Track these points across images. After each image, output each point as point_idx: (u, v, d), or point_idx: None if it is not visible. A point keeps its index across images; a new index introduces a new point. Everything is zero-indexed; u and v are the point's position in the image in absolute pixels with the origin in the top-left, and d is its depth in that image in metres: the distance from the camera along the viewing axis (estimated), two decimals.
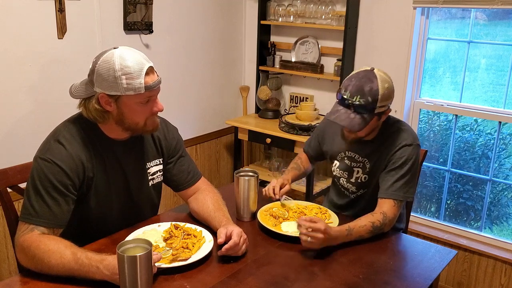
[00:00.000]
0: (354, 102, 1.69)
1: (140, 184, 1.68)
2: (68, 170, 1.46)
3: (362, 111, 1.70)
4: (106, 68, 1.42)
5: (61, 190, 1.45)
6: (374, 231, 1.68)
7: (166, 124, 1.79)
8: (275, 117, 3.34)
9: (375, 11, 2.93)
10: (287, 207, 1.87)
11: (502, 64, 2.80)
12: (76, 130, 1.52)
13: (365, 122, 1.71)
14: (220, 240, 1.49)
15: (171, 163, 1.77)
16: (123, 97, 1.45)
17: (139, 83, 1.43)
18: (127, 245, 1.29)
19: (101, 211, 1.61)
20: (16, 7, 2.19)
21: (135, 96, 1.45)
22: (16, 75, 2.25)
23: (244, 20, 3.54)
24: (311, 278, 1.45)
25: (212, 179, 3.56)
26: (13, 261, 2.30)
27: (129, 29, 2.69)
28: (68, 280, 1.36)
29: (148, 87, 1.45)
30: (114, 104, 1.47)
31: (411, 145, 1.80)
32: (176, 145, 1.78)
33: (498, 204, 2.93)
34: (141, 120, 1.52)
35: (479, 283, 2.82)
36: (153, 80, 1.47)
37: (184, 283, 1.39)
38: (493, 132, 2.86)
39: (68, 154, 1.47)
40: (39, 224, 1.42)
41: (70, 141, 1.49)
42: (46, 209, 1.43)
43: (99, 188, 1.57)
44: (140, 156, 1.66)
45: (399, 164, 1.78)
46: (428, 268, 1.56)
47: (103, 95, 1.45)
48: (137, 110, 1.49)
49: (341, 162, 1.97)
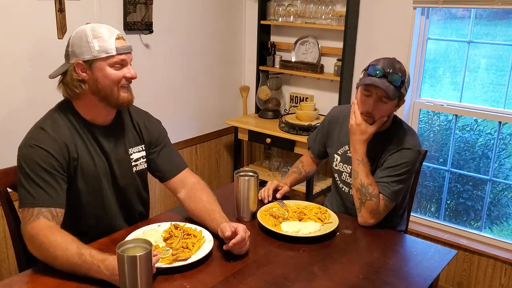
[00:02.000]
0: (390, 73, 1.75)
1: (123, 170, 1.70)
2: (53, 151, 1.50)
3: (394, 83, 1.75)
4: (79, 36, 1.54)
5: (50, 171, 1.49)
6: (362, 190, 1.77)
7: (148, 115, 1.83)
8: (275, 117, 3.34)
9: (375, 11, 2.93)
10: (287, 207, 1.87)
11: (502, 64, 2.80)
12: (57, 116, 1.59)
13: (395, 95, 1.76)
14: (227, 233, 1.49)
15: (154, 153, 1.79)
16: (96, 61, 1.52)
17: (110, 44, 1.52)
18: (127, 245, 1.29)
19: (92, 195, 1.63)
20: (16, 7, 2.19)
21: (107, 58, 1.52)
22: (16, 75, 2.25)
23: (244, 20, 3.54)
24: (311, 278, 1.45)
25: (212, 179, 3.56)
26: (13, 261, 2.30)
27: (129, 29, 2.69)
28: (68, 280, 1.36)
29: (118, 49, 1.53)
30: (89, 70, 1.53)
31: (410, 149, 1.82)
32: (158, 136, 1.81)
33: (498, 204, 2.93)
34: (114, 84, 1.56)
35: (479, 283, 2.82)
36: (123, 45, 1.56)
37: (184, 283, 1.39)
38: (493, 132, 2.86)
39: (50, 137, 1.52)
40: (38, 205, 1.45)
41: (52, 126, 1.55)
42: (41, 191, 1.46)
43: (86, 169, 1.59)
44: (121, 142, 1.69)
45: (395, 165, 1.81)
46: (428, 268, 1.56)
47: (78, 62, 1.53)
48: (110, 74, 1.54)
49: (344, 156, 1.97)
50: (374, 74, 1.76)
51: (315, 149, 2.14)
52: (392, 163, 1.81)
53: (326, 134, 2.07)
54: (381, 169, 1.84)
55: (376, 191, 1.78)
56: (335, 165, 2.02)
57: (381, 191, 1.79)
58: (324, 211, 1.84)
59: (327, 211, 1.85)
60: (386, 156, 1.84)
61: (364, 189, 1.77)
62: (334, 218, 1.79)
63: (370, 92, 1.79)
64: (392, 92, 1.74)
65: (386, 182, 1.80)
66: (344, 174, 1.98)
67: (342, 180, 2.00)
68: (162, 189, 1.84)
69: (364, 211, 1.78)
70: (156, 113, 1.88)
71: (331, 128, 2.05)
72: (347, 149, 1.94)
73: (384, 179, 1.81)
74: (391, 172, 1.81)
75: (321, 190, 3.09)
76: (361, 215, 1.80)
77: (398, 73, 1.76)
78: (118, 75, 1.56)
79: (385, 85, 1.74)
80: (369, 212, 1.77)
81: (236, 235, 1.49)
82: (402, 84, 1.77)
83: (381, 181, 1.81)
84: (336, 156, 2.00)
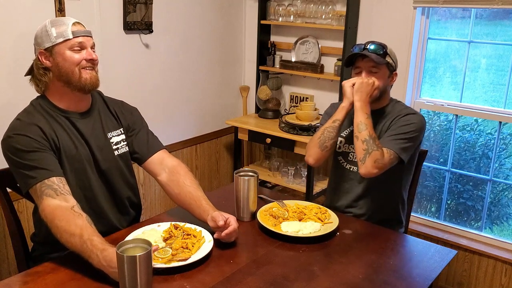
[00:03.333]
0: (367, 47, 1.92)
1: (104, 154, 1.72)
2: (31, 134, 1.55)
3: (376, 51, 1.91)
4: (39, 29, 1.62)
5: (35, 151, 1.53)
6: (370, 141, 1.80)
7: (123, 103, 1.88)
8: (275, 117, 3.34)
9: (375, 11, 2.93)
10: (287, 207, 1.87)
11: (502, 64, 2.79)
12: (33, 108, 1.64)
13: (379, 60, 1.89)
14: (221, 223, 1.55)
15: (131, 136, 1.82)
16: (56, 47, 1.59)
17: (65, 29, 1.58)
18: (127, 245, 1.29)
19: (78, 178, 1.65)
20: (16, 7, 2.19)
21: (65, 43, 1.58)
22: (16, 75, 2.25)
23: (244, 20, 3.54)
24: (311, 278, 1.45)
25: (212, 179, 3.56)
26: (13, 261, 2.30)
27: (129, 29, 2.69)
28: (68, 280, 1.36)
29: (75, 33, 1.59)
30: (50, 57, 1.60)
31: (415, 114, 1.95)
32: (135, 120, 1.85)
33: (498, 204, 2.93)
34: (74, 67, 1.60)
35: (479, 283, 2.82)
36: (80, 29, 1.62)
37: (184, 283, 1.39)
38: (494, 132, 2.86)
39: (26, 124, 1.58)
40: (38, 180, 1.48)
41: (27, 116, 1.61)
42: (35, 169, 1.50)
43: (68, 152, 1.62)
44: (99, 127, 1.73)
45: (402, 124, 1.90)
46: (428, 268, 1.56)
47: (40, 51, 1.60)
48: (70, 57, 1.59)
49: (349, 136, 2.03)
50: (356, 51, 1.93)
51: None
52: (399, 124, 1.91)
53: None
54: (387, 133, 1.91)
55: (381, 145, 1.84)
56: (338, 147, 2.06)
57: (387, 146, 1.85)
58: (324, 211, 1.84)
59: (327, 211, 1.85)
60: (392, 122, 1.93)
61: (371, 140, 1.81)
62: (334, 218, 1.79)
63: (359, 69, 1.95)
64: (375, 57, 1.88)
65: (393, 139, 1.87)
66: (351, 154, 2.03)
67: (349, 161, 2.04)
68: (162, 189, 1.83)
69: (368, 161, 1.80)
70: (156, 113, 1.89)
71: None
72: (350, 130, 2.01)
73: (391, 137, 1.88)
74: (398, 131, 1.88)
75: (321, 190, 3.09)
76: (365, 165, 1.82)
77: (379, 44, 1.92)
78: (78, 57, 1.60)
79: (368, 53, 1.89)
80: (374, 161, 1.80)
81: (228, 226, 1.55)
82: (384, 53, 1.91)
83: (388, 139, 1.87)
84: (340, 139, 2.05)
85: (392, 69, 1.97)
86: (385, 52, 1.93)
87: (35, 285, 1.37)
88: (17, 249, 1.74)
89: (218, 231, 1.57)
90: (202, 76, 3.30)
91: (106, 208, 1.72)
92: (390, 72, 1.96)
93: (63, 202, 1.46)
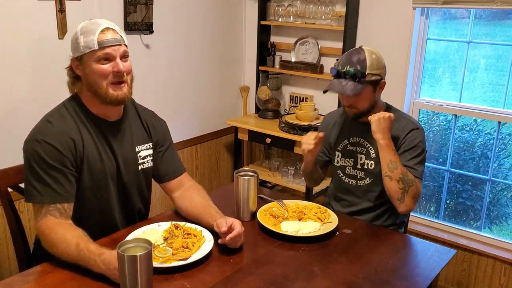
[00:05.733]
0: (345, 71, 1.83)
1: (129, 167, 1.69)
2: (60, 147, 1.49)
3: (353, 78, 1.82)
4: (73, 34, 1.55)
5: (57, 167, 1.48)
6: (405, 178, 1.78)
7: (154, 114, 1.84)
8: (275, 117, 3.35)
9: (375, 11, 2.94)
10: (287, 206, 1.88)
11: (501, 64, 2.80)
12: (65, 110, 1.58)
13: (357, 88, 1.81)
14: (224, 229, 1.52)
15: (159, 153, 1.79)
16: (84, 57, 1.52)
17: (92, 39, 1.49)
18: (127, 244, 1.29)
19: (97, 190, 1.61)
20: (16, 7, 2.19)
21: (91, 53, 1.50)
22: (16, 75, 2.25)
23: (244, 20, 3.55)
24: (311, 277, 1.46)
25: (212, 179, 3.56)
26: (13, 261, 2.30)
27: (129, 29, 2.70)
28: (68, 280, 1.37)
29: (100, 43, 1.50)
30: (80, 66, 1.54)
31: (418, 129, 1.91)
32: (164, 135, 1.81)
33: (497, 204, 2.94)
34: (102, 81, 1.53)
35: (478, 283, 2.83)
36: (107, 37, 1.51)
37: (184, 283, 1.39)
38: (493, 132, 2.86)
39: (57, 131, 1.51)
40: (46, 202, 1.46)
41: (59, 120, 1.54)
42: (48, 188, 1.47)
43: (92, 165, 1.58)
44: (128, 139, 1.68)
45: (414, 145, 1.88)
46: (428, 268, 1.57)
47: (72, 60, 1.56)
48: (96, 69, 1.52)
49: (344, 150, 2.00)
50: (334, 76, 1.89)
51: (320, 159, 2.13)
52: (409, 145, 1.87)
53: (326, 139, 2.07)
54: (400, 153, 1.88)
55: (412, 175, 1.82)
56: (336, 161, 2.04)
57: (412, 172, 1.83)
58: (324, 210, 1.85)
59: (327, 211, 1.85)
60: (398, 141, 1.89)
61: (406, 177, 1.80)
62: (334, 218, 1.79)
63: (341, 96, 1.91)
64: (348, 90, 1.82)
65: (412, 166, 1.85)
66: (348, 168, 2.01)
67: (347, 174, 2.02)
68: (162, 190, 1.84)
69: (408, 199, 1.80)
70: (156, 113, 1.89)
71: (327, 132, 2.07)
72: (347, 142, 1.99)
73: (409, 162, 1.86)
74: (412, 154, 1.86)
75: (321, 190, 3.10)
76: (405, 203, 1.81)
77: (356, 65, 1.82)
78: (104, 70, 1.52)
79: (341, 86, 1.83)
80: (412, 197, 1.81)
81: (232, 230, 1.52)
82: (363, 74, 1.82)
83: (407, 164, 1.85)
84: (337, 153, 2.03)
85: (377, 83, 1.87)
86: (362, 75, 1.81)
87: (36, 284, 1.37)
88: (18, 249, 1.74)
89: (223, 236, 1.54)
90: (202, 76, 3.30)
91: (118, 219, 1.72)
92: (374, 86, 1.87)
93: (62, 220, 1.47)
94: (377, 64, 1.85)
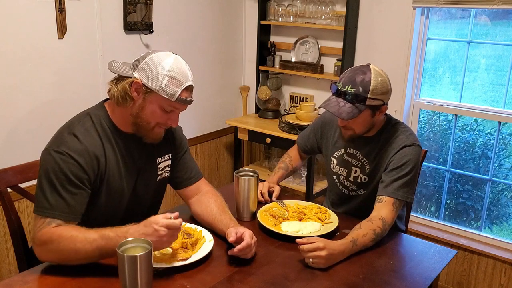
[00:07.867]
0: (345, 91, 1.71)
1: (146, 177, 1.67)
2: (84, 164, 1.45)
3: (352, 101, 1.70)
4: (156, 62, 1.47)
5: (77, 183, 1.44)
6: (377, 238, 1.65)
7: None
8: (275, 117, 3.35)
9: (375, 11, 2.93)
10: (287, 207, 1.87)
11: (502, 64, 2.80)
12: (90, 123, 1.52)
13: (354, 112, 1.70)
14: (231, 239, 1.49)
15: (176, 159, 1.77)
16: (155, 93, 1.47)
17: (175, 91, 1.47)
18: (127, 244, 1.29)
19: (110, 207, 1.59)
20: (16, 7, 2.19)
21: (164, 99, 1.48)
22: (16, 75, 2.25)
23: (244, 20, 3.55)
24: (311, 278, 1.46)
25: (212, 179, 3.56)
26: (13, 261, 2.30)
27: (129, 29, 2.69)
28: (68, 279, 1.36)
29: (179, 99, 1.49)
30: (142, 95, 1.49)
31: (411, 146, 1.79)
32: (182, 142, 1.80)
33: (497, 204, 2.94)
34: (153, 122, 1.52)
35: (479, 283, 2.83)
36: (187, 96, 1.52)
37: (184, 283, 1.39)
38: (493, 132, 2.86)
39: (83, 148, 1.46)
40: (55, 217, 1.41)
41: (85, 135, 1.49)
42: (62, 203, 1.42)
43: (112, 184, 1.55)
44: (151, 151, 1.66)
45: (400, 164, 1.76)
46: (428, 268, 1.57)
47: (139, 82, 1.47)
48: (157, 112, 1.51)
49: (340, 159, 1.96)
50: (333, 93, 1.77)
51: (306, 147, 2.13)
52: (396, 163, 1.77)
53: (320, 136, 2.05)
54: (387, 172, 1.79)
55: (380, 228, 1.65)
56: (332, 167, 2.01)
57: (393, 196, 1.73)
58: (324, 211, 1.85)
59: (327, 211, 1.85)
60: (388, 158, 1.80)
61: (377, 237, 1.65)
62: (334, 218, 1.79)
63: None
64: (345, 114, 1.70)
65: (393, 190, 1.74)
66: (341, 177, 1.98)
67: (341, 183, 1.99)
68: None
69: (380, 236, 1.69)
70: None
71: (325, 130, 2.03)
72: (343, 152, 1.94)
73: (393, 184, 1.74)
74: (396, 175, 1.75)
75: (321, 190, 3.10)
76: None
77: (359, 87, 1.69)
78: (162, 117, 1.52)
79: (337, 107, 1.71)
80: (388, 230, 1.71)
81: (242, 240, 1.49)
82: (364, 98, 1.69)
83: (390, 187, 1.75)
84: (333, 159, 1.99)
85: (377, 107, 1.74)
86: (363, 99, 1.69)
87: (35, 285, 1.37)
88: (17, 249, 1.74)
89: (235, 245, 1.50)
90: (202, 76, 3.30)
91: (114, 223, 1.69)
92: (374, 111, 1.75)
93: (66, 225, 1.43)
94: (381, 89, 1.71)
